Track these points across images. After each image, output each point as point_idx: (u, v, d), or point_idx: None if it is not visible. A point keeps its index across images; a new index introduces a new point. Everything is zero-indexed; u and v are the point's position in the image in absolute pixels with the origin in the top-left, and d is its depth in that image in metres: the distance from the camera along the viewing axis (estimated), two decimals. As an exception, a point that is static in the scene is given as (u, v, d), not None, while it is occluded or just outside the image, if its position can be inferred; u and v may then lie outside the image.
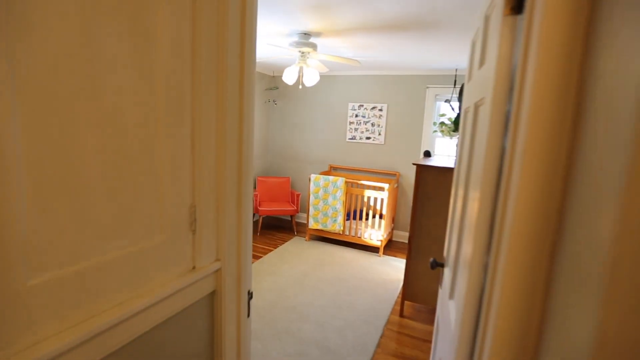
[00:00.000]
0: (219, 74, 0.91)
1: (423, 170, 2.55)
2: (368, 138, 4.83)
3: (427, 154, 3.46)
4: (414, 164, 2.56)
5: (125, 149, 0.71)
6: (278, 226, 5.10)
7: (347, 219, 4.72)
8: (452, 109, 2.73)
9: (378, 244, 4.14)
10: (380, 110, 4.71)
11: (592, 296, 0.42)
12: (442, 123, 3.93)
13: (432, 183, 2.55)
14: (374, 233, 4.19)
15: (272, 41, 2.90)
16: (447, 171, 2.49)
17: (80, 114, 0.61)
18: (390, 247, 4.55)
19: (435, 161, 2.81)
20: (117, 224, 0.72)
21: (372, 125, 4.78)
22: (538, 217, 0.59)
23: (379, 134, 4.76)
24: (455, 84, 4.04)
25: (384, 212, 4.08)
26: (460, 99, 2.41)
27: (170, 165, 0.83)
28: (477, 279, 0.80)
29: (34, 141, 0.55)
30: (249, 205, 1.07)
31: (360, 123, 4.85)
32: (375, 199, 4.67)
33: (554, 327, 0.55)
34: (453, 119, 3.94)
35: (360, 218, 4.75)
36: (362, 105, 4.81)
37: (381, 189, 4.35)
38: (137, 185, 0.75)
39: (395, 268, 3.81)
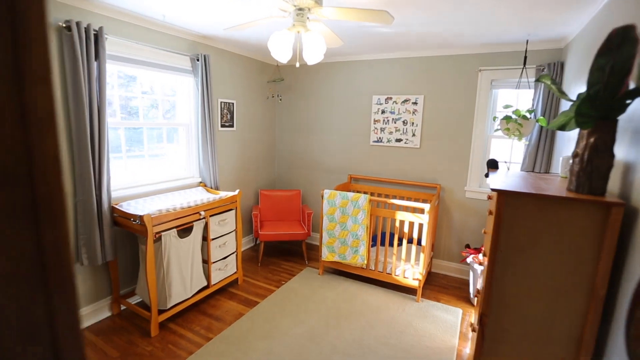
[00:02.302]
0: None
1: (512, 201, 1.45)
2: (399, 140, 3.73)
3: (493, 165, 2.32)
4: (494, 189, 1.46)
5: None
6: (286, 250, 4.10)
7: (373, 245, 3.64)
8: (556, 85, 1.57)
9: (415, 284, 3.04)
10: (415, 103, 3.60)
11: None
12: (508, 118, 2.78)
13: (528, 224, 1.44)
14: (410, 269, 3.09)
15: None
16: (562, 204, 1.38)
17: None
18: (430, 282, 3.42)
19: (523, 181, 1.68)
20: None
21: (404, 123, 3.68)
22: None
23: (413, 135, 3.65)
24: (525, 63, 2.87)
25: (424, 240, 2.97)
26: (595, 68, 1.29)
27: None
28: None
29: None
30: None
31: (387, 121, 3.76)
32: (412, 223, 3.56)
33: None
34: (524, 112, 2.77)
35: (391, 244, 3.65)
36: (391, 98, 3.71)
37: (420, 210, 3.25)
38: None
39: (441, 323, 2.70)
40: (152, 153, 2.97)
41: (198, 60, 2.98)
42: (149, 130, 2.92)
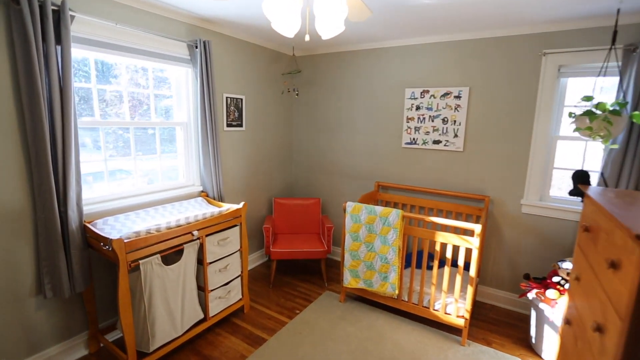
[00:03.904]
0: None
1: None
2: (437, 142, 3.10)
3: (582, 179, 1.67)
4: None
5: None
6: (302, 267, 3.57)
7: (406, 266, 3.03)
8: None
9: (460, 322, 2.42)
10: (458, 97, 2.96)
11: None
12: (591, 114, 2.10)
13: None
14: (453, 304, 2.47)
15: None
16: None
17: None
18: (476, 315, 2.78)
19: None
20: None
21: (444, 121, 3.05)
22: None
23: (455, 136, 3.01)
24: (614, 41, 2.17)
25: (472, 269, 2.34)
26: None
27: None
28: None
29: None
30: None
31: (423, 119, 3.14)
32: (456, 248, 2.94)
33: None
34: (610, 106, 2.09)
35: (429, 267, 3.03)
36: (428, 92, 3.09)
37: (468, 232, 2.62)
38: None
39: (498, 382, 2.07)
40: (143, 158, 2.52)
41: (197, 47, 2.51)
42: (140, 130, 2.48)
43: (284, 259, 3.09)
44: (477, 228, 2.26)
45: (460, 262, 2.38)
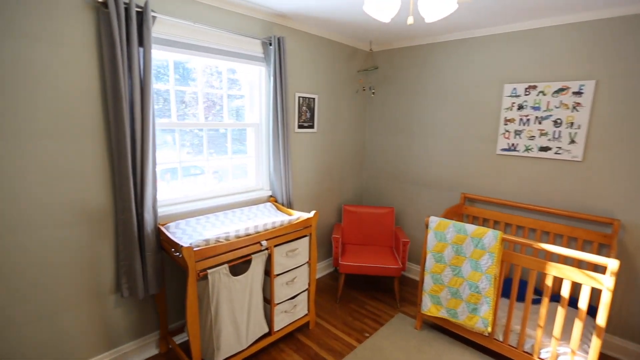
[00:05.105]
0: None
1: None
2: (545, 149, 2.55)
3: None
4: None
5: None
6: (372, 282, 3.28)
7: (503, 294, 2.54)
8: None
9: (576, 379, 1.89)
10: (578, 93, 2.38)
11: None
12: None
13: None
14: (568, 356, 1.94)
15: None
16: None
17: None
18: (596, 373, 2.18)
19: None
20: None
21: (556, 124, 2.48)
22: None
23: (572, 142, 2.43)
24: None
25: (601, 317, 1.81)
26: None
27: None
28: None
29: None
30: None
31: (527, 121, 2.61)
32: (576, 286, 2.36)
33: None
34: None
35: (535, 301, 2.50)
36: (535, 87, 2.56)
37: (598, 268, 2.05)
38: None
39: None
40: (215, 157, 2.49)
41: (271, 44, 2.39)
42: (212, 130, 2.45)
43: (353, 273, 2.84)
44: (613, 264, 1.72)
45: (582, 304, 1.86)
